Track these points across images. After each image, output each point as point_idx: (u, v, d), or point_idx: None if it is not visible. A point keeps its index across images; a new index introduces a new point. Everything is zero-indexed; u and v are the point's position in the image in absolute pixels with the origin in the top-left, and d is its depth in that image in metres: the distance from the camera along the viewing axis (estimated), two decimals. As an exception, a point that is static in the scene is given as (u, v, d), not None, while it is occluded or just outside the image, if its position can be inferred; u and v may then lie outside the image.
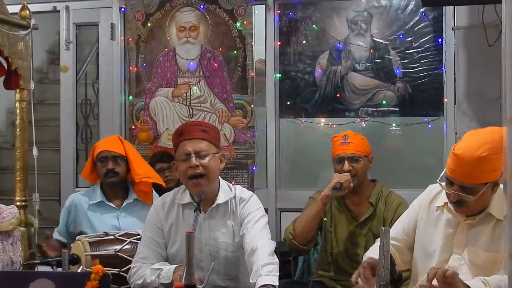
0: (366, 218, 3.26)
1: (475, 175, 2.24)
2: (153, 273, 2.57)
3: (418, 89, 4.32)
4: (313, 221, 3.18)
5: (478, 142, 2.24)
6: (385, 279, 1.95)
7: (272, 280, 2.36)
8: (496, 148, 2.20)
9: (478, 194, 2.26)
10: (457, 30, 4.20)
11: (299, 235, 3.19)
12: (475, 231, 2.36)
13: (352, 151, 3.26)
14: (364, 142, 3.34)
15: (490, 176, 2.25)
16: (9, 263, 2.86)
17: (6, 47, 3.02)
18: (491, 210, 2.33)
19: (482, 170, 2.23)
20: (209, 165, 2.61)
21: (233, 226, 2.67)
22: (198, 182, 2.60)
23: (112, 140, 3.48)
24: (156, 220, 2.72)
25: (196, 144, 2.62)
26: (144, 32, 4.71)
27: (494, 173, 2.25)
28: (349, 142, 3.28)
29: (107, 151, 3.36)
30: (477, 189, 2.26)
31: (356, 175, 3.24)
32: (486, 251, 2.32)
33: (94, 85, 5.36)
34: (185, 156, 2.62)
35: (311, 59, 4.50)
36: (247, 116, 4.54)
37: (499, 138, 2.20)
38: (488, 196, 2.31)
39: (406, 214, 2.61)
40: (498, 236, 2.30)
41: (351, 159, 3.25)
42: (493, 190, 2.30)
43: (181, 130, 2.71)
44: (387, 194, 3.31)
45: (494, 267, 2.30)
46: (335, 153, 3.32)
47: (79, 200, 3.42)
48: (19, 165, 3.13)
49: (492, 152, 2.20)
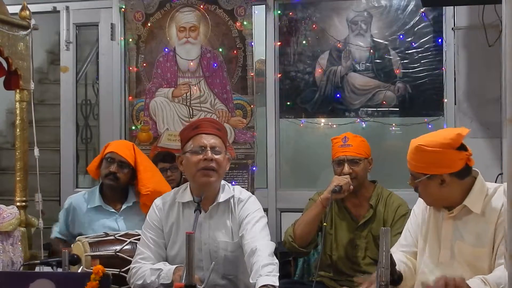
0: (366, 220, 3.26)
1: (413, 163, 2.40)
2: (153, 273, 2.57)
3: (418, 89, 4.33)
4: (312, 223, 3.18)
5: (425, 135, 2.41)
6: (385, 279, 1.96)
7: (272, 280, 2.36)
8: (433, 143, 2.32)
9: (418, 181, 2.39)
10: (457, 30, 4.20)
11: (299, 237, 3.19)
12: (458, 225, 2.41)
13: (352, 154, 3.25)
14: (364, 144, 3.33)
15: (426, 168, 2.36)
16: (9, 263, 2.86)
17: (6, 47, 3.02)
18: (467, 203, 2.39)
19: (418, 160, 2.37)
20: (222, 162, 2.64)
21: (232, 226, 2.67)
22: (209, 173, 2.61)
23: (125, 145, 3.43)
24: (156, 220, 2.72)
25: (212, 139, 2.65)
26: (144, 33, 4.71)
27: (431, 166, 2.34)
28: (349, 145, 3.26)
29: (116, 154, 3.33)
30: (417, 176, 2.40)
31: (356, 177, 3.23)
32: (472, 245, 2.37)
33: (94, 85, 5.36)
34: (200, 149, 2.62)
35: (311, 59, 4.50)
36: (247, 117, 4.54)
37: (445, 137, 2.33)
38: (434, 190, 2.38)
39: (409, 221, 2.65)
40: (481, 231, 2.36)
41: (351, 162, 3.24)
42: (441, 185, 2.36)
43: (197, 124, 2.72)
44: (387, 195, 3.30)
45: (481, 262, 2.34)
46: (335, 155, 3.31)
47: (77, 202, 3.41)
48: (19, 166, 3.13)
49: (428, 145, 2.32)
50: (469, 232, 2.38)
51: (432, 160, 2.33)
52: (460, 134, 2.33)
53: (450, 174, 2.35)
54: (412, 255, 2.56)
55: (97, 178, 3.52)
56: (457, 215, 2.42)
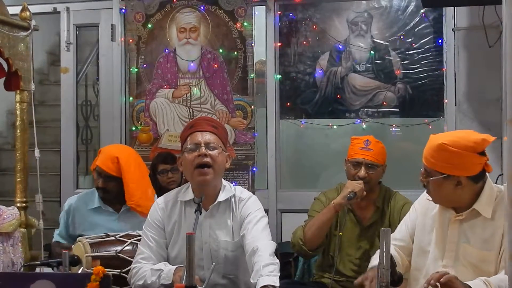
0: (372, 222, 3.24)
1: (432, 160, 2.35)
2: (154, 274, 2.57)
3: (419, 90, 4.33)
4: (324, 228, 3.14)
5: (448, 133, 2.40)
6: (385, 280, 1.95)
7: (273, 280, 2.36)
8: (457, 144, 2.29)
9: (432, 179, 2.36)
10: (458, 31, 4.20)
11: (309, 241, 3.14)
12: (465, 228, 2.39)
13: (371, 159, 3.19)
14: (383, 151, 3.27)
15: (445, 168, 2.32)
16: (10, 264, 2.86)
17: (6, 48, 3.02)
18: (476, 207, 2.37)
19: (438, 158, 2.32)
20: (217, 158, 2.62)
21: (233, 226, 2.67)
22: (204, 171, 2.60)
23: (109, 158, 3.32)
24: (158, 219, 2.71)
25: (207, 135, 2.65)
26: (144, 33, 4.71)
27: (450, 166, 2.31)
28: (370, 149, 3.20)
29: (101, 169, 3.30)
30: (432, 174, 2.36)
31: (369, 182, 3.18)
32: (478, 249, 2.35)
33: (95, 86, 5.37)
34: (194, 146, 2.62)
35: (311, 60, 4.50)
36: (248, 117, 4.54)
37: (469, 139, 2.30)
38: (448, 190, 2.36)
39: (408, 215, 2.64)
40: (489, 235, 2.34)
41: (369, 166, 3.19)
42: (456, 187, 2.34)
43: (193, 123, 2.74)
44: (392, 195, 3.28)
45: (487, 265, 2.32)
46: (354, 155, 3.23)
47: (77, 204, 3.40)
48: (19, 166, 3.13)
49: (451, 144, 2.29)
50: (476, 236, 2.36)
51: (453, 160, 2.30)
52: (486, 140, 2.31)
53: (467, 177, 2.33)
54: (402, 249, 2.55)
55: None
56: (465, 218, 2.40)
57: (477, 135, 2.34)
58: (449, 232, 2.41)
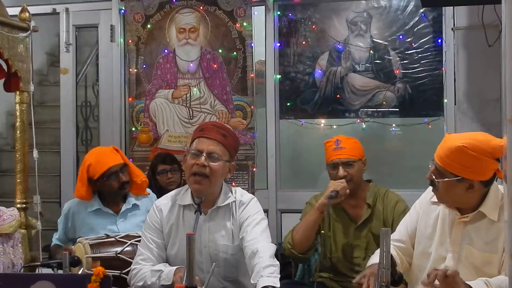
0: (365, 219, 3.25)
1: (447, 161, 2.30)
2: (154, 275, 2.57)
3: (418, 89, 4.33)
4: (310, 230, 3.16)
5: (467, 135, 2.33)
6: (386, 280, 1.96)
7: (273, 281, 2.36)
8: (477, 148, 2.25)
9: (444, 180, 2.31)
10: (457, 31, 4.20)
11: (298, 244, 3.16)
12: (469, 230, 2.38)
13: (346, 156, 3.21)
14: (357, 145, 3.29)
15: (461, 170, 2.29)
16: (10, 265, 2.86)
17: (6, 49, 3.02)
18: (483, 209, 2.36)
19: (455, 159, 2.28)
20: (216, 170, 2.59)
21: (233, 229, 2.67)
22: (199, 180, 2.59)
23: (109, 154, 3.33)
24: (156, 221, 2.72)
25: (212, 145, 2.61)
26: (144, 34, 4.71)
27: (466, 170, 2.28)
28: (342, 147, 3.23)
29: (114, 166, 3.27)
30: (445, 175, 2.32)
31: (351, 179, 3.20)
32: (482, 251, 2.34)
33: (94, 87, 5.37)
34: (197, 152, 2.60)
35: (311, 60, 4.50)
36: (247, 118, 4.54)
37: (489, 145, 2.26)
38: (459, 192, 2.33)
39: (408, 215, 2.63)
40: (493, 237, 2.33)
41: (345, 164, 3.21)
42: (467, 190, 2.32)
43: (203, 126, 2.70)
44: (383, 193, 3.29)
45: (490, 267, 2.32)
46: (329, 159, 3.26)
47: (76, 207, 3.38)
48: (19, 167, 3.13)
49: (471, 148, 2.25)
50: (480, 238, 2.35)
51: (470, 164, 2.27)
52: (502, 146, 2.26)
53: (480, 181, 2.31)
54: (401, 250, 2.54)
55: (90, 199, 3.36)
56: (470, 220, 2.38)
57: (496, 141, 2.30)
58: (453, 234, 2.40)
